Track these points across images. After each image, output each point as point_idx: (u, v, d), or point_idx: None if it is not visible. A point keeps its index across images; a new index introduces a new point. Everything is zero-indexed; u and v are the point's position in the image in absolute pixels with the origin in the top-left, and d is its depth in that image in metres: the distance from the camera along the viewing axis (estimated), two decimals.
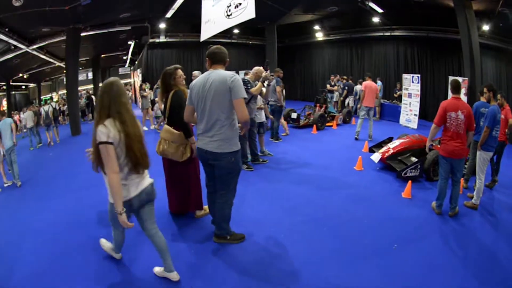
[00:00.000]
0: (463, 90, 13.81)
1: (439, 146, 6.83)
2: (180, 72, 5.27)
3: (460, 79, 13.82)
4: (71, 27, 16.15)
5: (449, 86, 6.27)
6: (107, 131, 3.37)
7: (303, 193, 7.16)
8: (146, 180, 3.81)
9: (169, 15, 18.96)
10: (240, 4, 9.45)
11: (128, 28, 20.42)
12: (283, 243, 5.19)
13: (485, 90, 7.02)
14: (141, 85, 17.92)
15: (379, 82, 17.24)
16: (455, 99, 6.05)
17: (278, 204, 6.59)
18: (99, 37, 20.40)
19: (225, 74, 4.22)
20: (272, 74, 8.64)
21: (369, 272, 4.61)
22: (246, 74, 9.53)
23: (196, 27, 13.53)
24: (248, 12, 9.15)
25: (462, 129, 5.91)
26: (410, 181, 7.46)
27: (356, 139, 12.41)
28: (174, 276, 4.16)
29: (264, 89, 7.86)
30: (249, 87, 7.41)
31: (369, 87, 12.19)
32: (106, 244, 4.74)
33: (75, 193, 7.53)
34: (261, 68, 8.11)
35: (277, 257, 4.83)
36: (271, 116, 10.83)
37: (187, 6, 16.84)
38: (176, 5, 17.25)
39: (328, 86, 18.35)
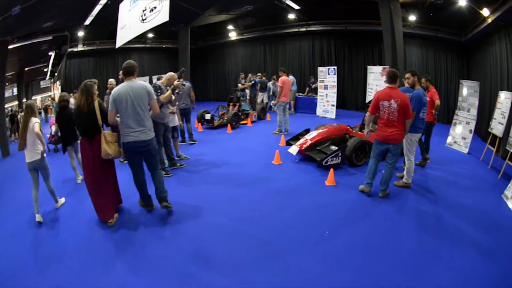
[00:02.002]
0: (383, 78, 14.18)
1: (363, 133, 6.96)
2: None
3: (380, 67, 14.78)
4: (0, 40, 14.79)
5: (386, 77, 6.48)
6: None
7: (225, 193, 7.00)
8: (35, 156, 5.96)
9: (87, 22, 18.36)
10: (155, 7, 9.56)
11: (50, 38, 19.76)
12: (210, 245, 5.00)
13: (408, 75, 7.17)
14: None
15: (291, 77, 17.12)
16: (389, 89, 6.25)
17: (201, 206, 6.36)
18: (24, 49, 19.61)
19: (142, 83, 5.59)
20: (184, 84, 8.57)
21: (305, 262, 4.51)
22: (159, 78, 9.24)
23: (112, 33, 12.81)
24: (162, 15, 9.33)
25: (395, 116, 6.12)
26: (332, 169, 7.55)
27: (277, 133, 12.57)
28: (61, 201, 6.62)
29: (173, 96, 7.84)
30: (159, 93, 7.47)
31: (286, 82, 12.30)
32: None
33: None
34: (175, 75, 8.17)
35: (205, 260, 4.64)
36: (181, 122, 10.46)
37: (105, 12, 16.13)
38: (94, 12, 16.63)
39: (239, 84, 18.13)
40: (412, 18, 15.44)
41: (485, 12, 10.87)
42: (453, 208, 6.12)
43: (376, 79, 15.33)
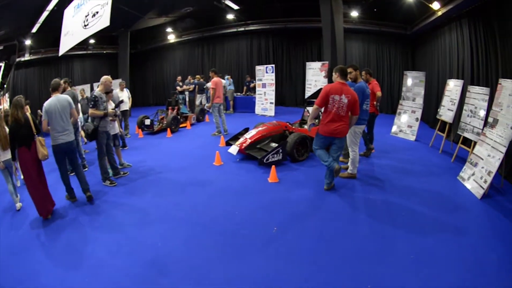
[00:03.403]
0: (322, 74, 14.73)
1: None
2: None
3: (319, 63, 14.89)
4: None
5: (337, 72, 6.36)
6: None
7: (170, 199, 6.76)
8: (7, 156, 6.44)
9: (35, 29, 17.53)
10: (97, 12, 9.40)
11: (1, 48, 19.06)
12: (164, 252, 4.75)
13: (351, 70, 7.08)
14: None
15: (226, 77, 18.11)
16: (340, 84, 6.18)
17: (148, 214, 6.13)
18: None
19: (65, 96, 6.56)
20: (116, 114, 8.44)
21: (260, 261, 4.38)
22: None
23: (57, 41, 12.14)
24: (103, 20, 9.19)
25: (344, 111, 6.09)
26: (273, 166, 7.44)
27: (217, 134, 12.33)
28: (18, 206, 6.56)
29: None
30: (92, 105, 7.46)
31: (219, 83, 12.20)
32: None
33: None
34: (109, 77, 8.01)
35: (162, 266, 4.42)
36: (121, 130, 10.43)
37: (52, 18, 15.35)
38: (41, 19, 15.87)
39: (178, 88, 17.43)
40: (354, 14, 15.75)
41: (435, 5, 11.12)
42: (406, 193, 6.18)
43: (315, 75, 15.50)
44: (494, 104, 6.63)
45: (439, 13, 11.08)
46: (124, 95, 11.77)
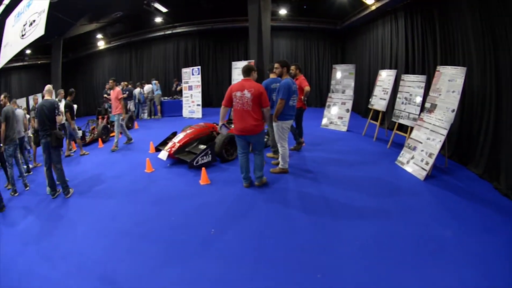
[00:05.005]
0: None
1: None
2: None
3: (245, 62, 14.51)
4: None
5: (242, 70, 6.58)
6: None
7: (107, 211, 6.38)
8: None
9: None
10: (34, 21, 8.72)
11: None
12: (109, 266, 4.45)
13: (277, 65, 7.10)
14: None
15: (154, 81, 17.79)
16: (243, 81, 6.27)
17: (88, 228, 5.75)
18: None
19: None
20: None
21: (203, 264, 4.26)
22: (43, 96, 8.81)
23: None
24: (38, 29, 8.42)
25: (250, 106, 6.03)
26: (204, 168, 7.33)
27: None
28: None
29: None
30: (58, 112, 7.36)
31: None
32: None
33: None
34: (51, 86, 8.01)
35: (109, 282, 4.14)
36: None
37: None
38: None
39: (105, 95, 16.49)
40: (283, 12, 15.93)
41: (369, 0, 11.26)
42: (342, 183, 6.19)
43: (241, 74, 14.97)
44: (432, 90, 6.87)
45: (373, 8, 11.24)
46: (62, 105, 10.83)
